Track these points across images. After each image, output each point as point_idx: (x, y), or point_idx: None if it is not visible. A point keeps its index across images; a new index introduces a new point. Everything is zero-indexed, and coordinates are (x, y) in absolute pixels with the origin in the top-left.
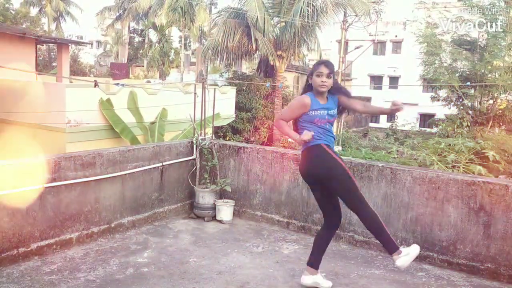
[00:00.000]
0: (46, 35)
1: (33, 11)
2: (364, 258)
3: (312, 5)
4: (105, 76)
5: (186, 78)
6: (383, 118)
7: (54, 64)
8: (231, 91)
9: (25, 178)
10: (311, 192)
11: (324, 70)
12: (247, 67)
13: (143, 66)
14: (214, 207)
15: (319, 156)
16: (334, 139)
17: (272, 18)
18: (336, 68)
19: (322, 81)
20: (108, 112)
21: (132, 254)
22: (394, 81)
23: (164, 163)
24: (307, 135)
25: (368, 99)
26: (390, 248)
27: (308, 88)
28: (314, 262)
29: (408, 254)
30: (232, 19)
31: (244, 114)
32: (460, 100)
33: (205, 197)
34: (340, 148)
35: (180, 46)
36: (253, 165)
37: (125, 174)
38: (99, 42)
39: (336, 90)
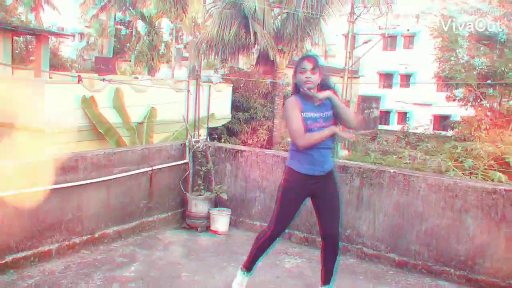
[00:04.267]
0: (23, 26)
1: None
2: (374, 273)
3: None
4: (89, 72)
5: (177, 74)
6: (393, 120)
7: (32, 58)
8: (227, 89)
9: None
10: None
11: (307, 65)
12: (244, 62)
13: (130, 61)
14: (208, 217)
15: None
16: (330, 148)
17: (273, 9)
18: (343, 65)
19: (307, 77)
20: (91, 111)
21: (118, 268)
22: (406, 78)
23: (153, 168)
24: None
25: (377, 99)
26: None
27: (296, 90)
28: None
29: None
30: (228, 10)
31: (241, 115)
32: (478, 100)
33: (198, 206)
34: (346, 152)
35: (171, 39)
36: (252, 170)
37: (111, 180)
38: (82, 34)
39: (326, 89)
